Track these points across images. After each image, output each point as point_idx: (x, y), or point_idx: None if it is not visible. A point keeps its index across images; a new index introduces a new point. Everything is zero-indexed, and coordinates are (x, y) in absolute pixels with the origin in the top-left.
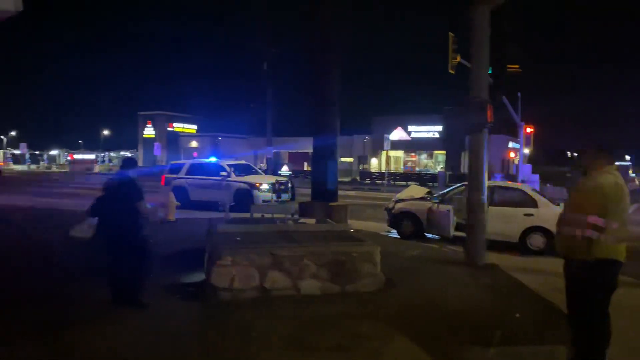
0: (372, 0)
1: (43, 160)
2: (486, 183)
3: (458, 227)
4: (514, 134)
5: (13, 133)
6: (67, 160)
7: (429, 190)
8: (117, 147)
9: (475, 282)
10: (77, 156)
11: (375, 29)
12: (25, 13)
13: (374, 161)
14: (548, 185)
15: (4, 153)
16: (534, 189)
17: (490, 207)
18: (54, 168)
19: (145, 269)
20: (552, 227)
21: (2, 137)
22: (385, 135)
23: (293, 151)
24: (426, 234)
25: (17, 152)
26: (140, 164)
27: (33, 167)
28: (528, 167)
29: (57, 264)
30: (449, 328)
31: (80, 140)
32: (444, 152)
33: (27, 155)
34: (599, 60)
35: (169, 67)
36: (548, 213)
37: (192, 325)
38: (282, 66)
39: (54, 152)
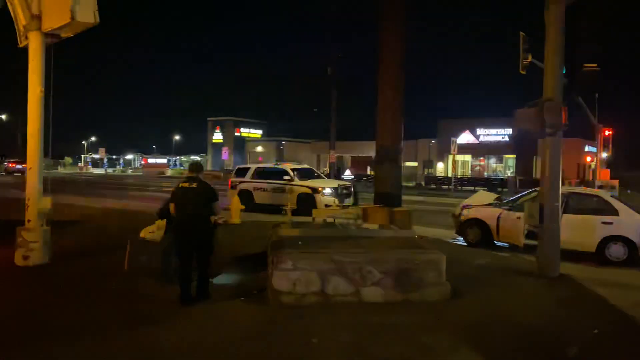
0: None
1: (119, 164)
2: (560, 189)
3: (530, 236)
4: (591, 137)
5: (93, 138)
6: (141, 164)
7: (498, 196)
8: (187, 152)
9: (548, 295)
10: (150, 160)
11: (443, 30)
12: (104, 25)
13: (439, 165)
14: (629, 191)
15: (85, 157)
16: (613, 196)
17: (564, 214)
18: (129, 171)
19: (211, 267)
20: (635, 237)
21: (83, 142)
22: (452, 139)
23: (356, 155)
24: (495, 242)
25: (96, 156)
26: (208, 167)
27: (109, 170)
28: (606, 172)
29: (128, 264)
30: (518, 342)
31: (154, 145)
32: (514, 156)
33: (105, 160)
34: None
35: (237, 74)
36: (630, 221)
37: (254, 327)
38: (347, 70)
39: (129, 157)
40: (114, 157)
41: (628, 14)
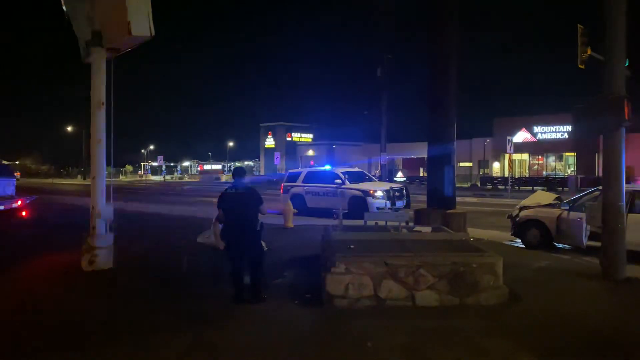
0: None
1: (176, 171)
2: (624, 187)
3: (592, 237)
4: None
5: (152, 147)
6: (197, 171)
7: (557, 196)
8: (242, 157)
9: (613, 298)
10: (206, 167)
11: (497, 25)
12: (160, 38)
13: (495, 165)
14: None
15: (144, 165)
16: None
17: (629, 214)
18: (186, 178)
19: (263, 269)
20: None
21: (142, 150)
22: (508, 137)
23: (408, 157)
24: (555, 244)
25: (154, 164)
26: (261, 172)
27: (168, 177)
28: None
29: (188, 267)
30: (581, 348)
31: (209, 151)
32: (575, 153)
33: (163, 167)
34: None
35: (288, 78)
36: None
37: (308, 330)
38: (397, 72)
39: (186, 164)
40: (171, 164)
41: None
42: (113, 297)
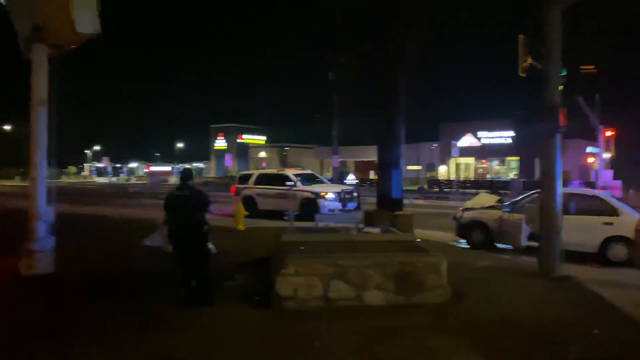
0: (439, 4)
1: (123, 172)
2: (560, 190)
3: (531, 237)
4: (593, 138)
5: (97, 147)
6: (144, 173)
7: (499, 198)
8: (191, 159)
9: (550, 295)
10: (154, 168)
11: (443, 33)
12: (107, 35)
13: (442, 169)
14: (630, 191)
15: (89, 166)
16: (613, 196)
17: (565, 215)
18: (133, 180)
19: (210, 271)
20: (635, 237)
21: (87, 151)
22: (453, 142)
23: (359, 160)
24: (497, 244)
25: (100, 165)
26: (212, 174)
27: (114, 179)
28: (609, 173)
29: (135, 270)
30: (521, 343)
31: (157, 153)
32: (517, 158)
33: (109, 168)
34: None
35: (239, 80)
36: (630, 222)
37: (258, 333)
38: (349, 75)
39: (133, 165)
40: (118, 165)
41: (628, 14)
42: (52, 302)
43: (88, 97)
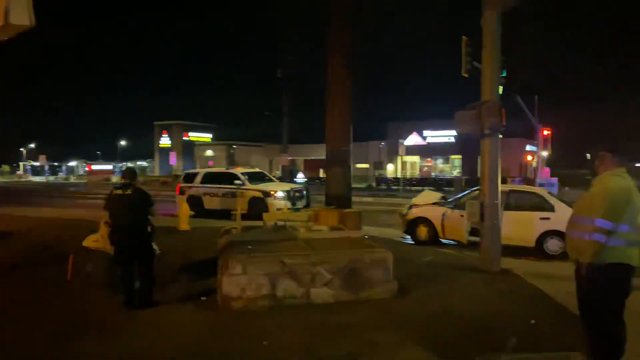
0: (387, 5)
1: (61, 171)
2: (500, 187)
3: (474, 232)
4: (532, 136)
5: (32, 145)
6: (85, 171)
7: (443, 195)
8: (134, 158)
9: (490, 288)
10: (94, 167)
11: (389, 33)
12: (42, 27)
13: (389, 167)
14: (566, 188)
15: (24, 165)
16: (550, 192)
17: (505, 211)
18: (72, 179)
19: (152, 272)
20: None
21: (21, 149)
22: (400, 141)
23: (309, 158)
24: (441, 240)
25: (36, 164)
26: (156, 173)
27: (51, 178)
28: (546, 170)
29: (73, 272)
30: (463, 335)
31: (99, 151)
32: (460, 156)
33: (46, 167)
34: (622, 60)
35: (185, 77)
36: (565, 217)
37: (204, 334)
38: (297, 73)
39: (72, 164)
40: (55, 164)
41: (565, 17)
42: None
43: (23, 93)
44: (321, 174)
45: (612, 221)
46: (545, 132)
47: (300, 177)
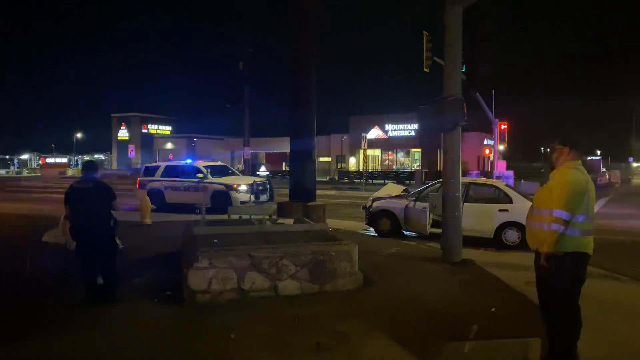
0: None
1: (13, 165)
2: (460, 180)
3: (435, 224)
4: (489, 131)
5: None
6: (38, 165)
7: (405, 188)
8: (91, 150)
9: (452, 278)
10: (49, 160)
11: (351, 28)
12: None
13: (352, 160)
14: (522, 180)
15: None
16: (507, 185)
17: (465, 203)
18: (25, 173)
19: (115, 266)
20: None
21: None
22: (363, 134)
23: (271, 151)
24: (404, 232)
25: None
26: (114, 166)
27: (2, 172)
28: (503, 164)
29: (32, 268)
30: (426, 324)
31: (53, 144)
32: (420, 150)
33: None
34: (575, 57)
35: (144, 68)
36: (522, 208)
37: (170, 328)
38: (259, 65)
39: (24, 157)
40: (7, 157)
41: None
42: None
43: None
44: (284, 167)
45: (569, 212)
46: (502, 127)
47: (263, 170)
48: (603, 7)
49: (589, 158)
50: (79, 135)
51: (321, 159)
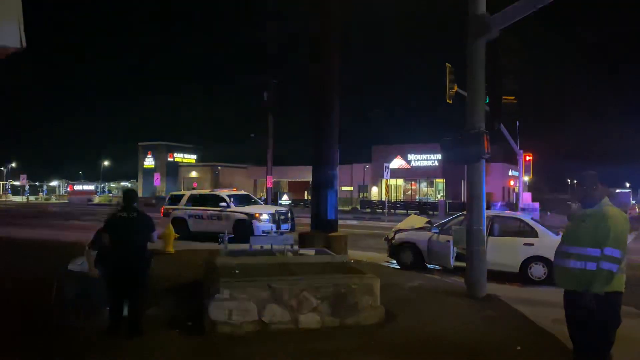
0: (372, 31)
1: (42, 191)
2: (485, 213)
3: (459, 258)
4: (514, 162)
5: (13, 164)
6: (66, 191)
7: (428, 220)
8: (117, 178)
9: (476, 314)
10: (77, 187)
11: (374, 58)
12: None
13: (374, 189)
14: (548, 213)
15: (4, 185)
16: (533, 218)
17: (490, 237)
18: (53, 199)
19: (144, 298)
20: (553, 257)
21: (2, 168)
22: (385, 164)
23: (293, 180)
24: (427, 265)
25: (16, 183)
26: (140, 194)
27: (32, 198)
28: (528, 195)
29: (56, 297)
30: None
31: (81, 171)
32: (444, 180)
33: (27, 187)
34: (600, 88)
35: (171, 98)
36: (548, 242)
37: (190, 359)
38: (284, 95)
39: (53, 183)
40: (37, 184)
41: (547, 47)
42: None
43: (3, 111)
44: (306, 195)
45: (622, 250)
46: (527, 158)
47: (285, 199)
48: (632, 36)
49: (617, 190)
50: (106, 163)
51: (343, 188)
